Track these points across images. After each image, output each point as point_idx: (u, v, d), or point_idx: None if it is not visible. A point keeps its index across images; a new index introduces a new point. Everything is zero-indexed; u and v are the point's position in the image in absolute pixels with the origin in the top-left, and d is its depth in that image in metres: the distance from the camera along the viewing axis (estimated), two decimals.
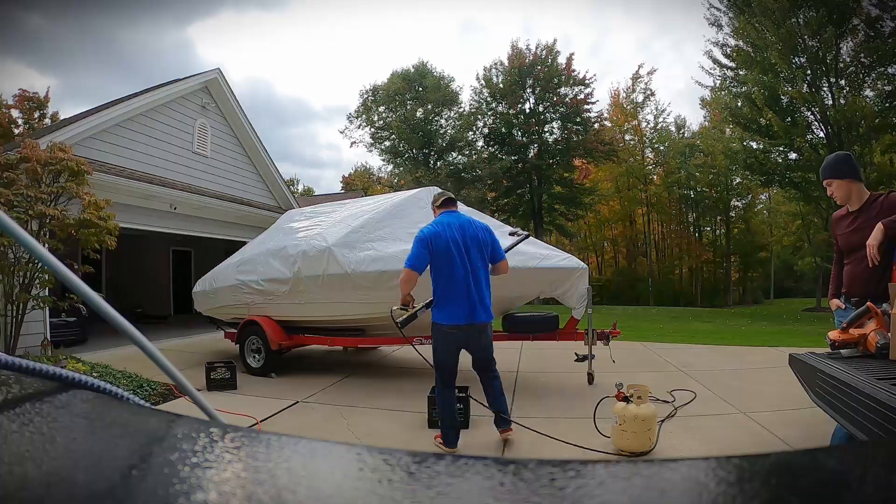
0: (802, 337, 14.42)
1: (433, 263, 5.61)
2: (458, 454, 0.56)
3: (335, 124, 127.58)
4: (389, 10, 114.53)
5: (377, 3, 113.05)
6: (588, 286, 8.55)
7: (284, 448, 0.60)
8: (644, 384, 5.62)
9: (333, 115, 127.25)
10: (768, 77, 23.95)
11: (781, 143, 24.38)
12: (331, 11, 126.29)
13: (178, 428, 0.68)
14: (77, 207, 9.56)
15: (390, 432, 6.39)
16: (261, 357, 9.76)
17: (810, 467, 0.57)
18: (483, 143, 44.92)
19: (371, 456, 0.56)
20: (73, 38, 67.04)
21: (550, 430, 5.80)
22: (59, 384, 0.81)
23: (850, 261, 4.86)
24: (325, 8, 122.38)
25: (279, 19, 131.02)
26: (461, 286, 5.57)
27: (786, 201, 38.29)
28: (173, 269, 22.67)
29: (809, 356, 4.06)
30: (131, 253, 18.48)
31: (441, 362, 5.75)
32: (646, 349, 12.56)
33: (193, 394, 1.01)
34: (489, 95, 44.28)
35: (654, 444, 5.43)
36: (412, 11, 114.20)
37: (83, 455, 0.61)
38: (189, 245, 21.98)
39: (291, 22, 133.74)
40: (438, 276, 5.63)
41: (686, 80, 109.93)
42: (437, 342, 5.76)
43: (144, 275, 21.76)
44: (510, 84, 42.77)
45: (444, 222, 5.76)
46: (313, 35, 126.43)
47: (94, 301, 0.94)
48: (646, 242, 55.02)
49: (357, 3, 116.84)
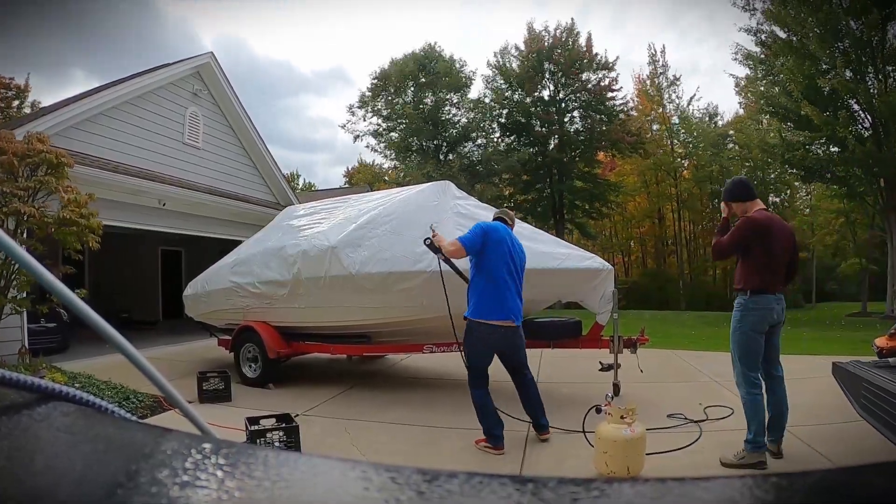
0: (846, 344, 14.38)
1: (483, 255, 6.08)
2: (472, 472, 0.55)
3: (328, 94, 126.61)
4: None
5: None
6: (614, 289, 8.53)
7: (283, 465, 0.60)
8: (633, 404, 5.55)
9: (326, 82, 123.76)
10: (806, 65, 23.76)
11: (822, 136, 24.20)
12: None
13: (168, 443, 0.68)
14: (57, 204, 9.50)
15: (398, 448, 6.39)
16: (257, 366, 9.77)
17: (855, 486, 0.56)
18: (499, 133, 44.68)
19: (377, 474, 0.56)
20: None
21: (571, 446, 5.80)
22: (37, 396, 0.81)
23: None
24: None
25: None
26: (503, 286, 6.00)
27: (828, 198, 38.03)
28: (162, 271, 22.72)
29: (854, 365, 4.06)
30: (117, 253, 18.46)
31: (474, 361, 6.11)
32: (676, 357, 12.55)
33: (184, 406, 1.01)
34: (504, 83, 43.98)
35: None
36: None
37: (64, 472, 0.61)
38: (180, 245, 22.06)
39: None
40: (484, 269, 6.07)
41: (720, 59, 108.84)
42: (471, 340, 6.11)
43: (131, 277, 21.83)
44: (527, 70, 42.42)
45: (501, 227, 6.44)
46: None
47: (76, 305, 0.93)
48: (676, 241, 54.69)
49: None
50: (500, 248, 6.12)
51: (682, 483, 0.53)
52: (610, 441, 5.18)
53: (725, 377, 9.36)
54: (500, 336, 6.03)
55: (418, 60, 42.06)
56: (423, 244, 6.91)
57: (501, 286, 6.04)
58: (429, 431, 6.85)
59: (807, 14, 23.41)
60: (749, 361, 5.64)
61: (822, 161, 26.10)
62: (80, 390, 0.85)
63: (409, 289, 8.11)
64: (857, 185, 25.20)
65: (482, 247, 6.09)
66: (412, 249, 7.98)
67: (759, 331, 5.66)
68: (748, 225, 5.71)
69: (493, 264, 6.06)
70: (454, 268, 7.06)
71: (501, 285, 6.04)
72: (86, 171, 11.73)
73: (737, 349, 5.72)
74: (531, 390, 6.40)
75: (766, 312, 5.65)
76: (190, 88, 16.84)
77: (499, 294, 6.03)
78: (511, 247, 6.27)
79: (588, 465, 5.43)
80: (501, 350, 6.24)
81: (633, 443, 5.17)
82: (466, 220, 8.47)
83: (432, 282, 7.74)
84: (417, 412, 7.65)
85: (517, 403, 6.54)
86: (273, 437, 5.93)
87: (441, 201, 9.04)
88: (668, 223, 55.97)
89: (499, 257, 6.09)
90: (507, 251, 6.18)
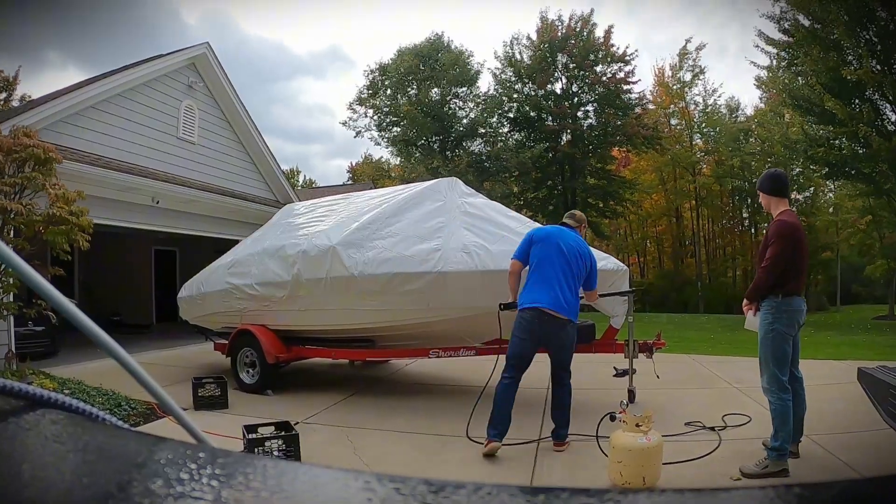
0: (873, 349, 14.33)
1: (532, 256, 6.61)
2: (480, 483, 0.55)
3: (325, 78, 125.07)
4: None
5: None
6: (629, 291, 8.53)
7: (283, 475, 0.59)
8: (649, 411, 5.55)
9: (322, 63, 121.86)
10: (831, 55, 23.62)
11: (847, 131, 24.06)
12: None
13: (161, 452, 0.67)
14: (45, 201, 9.45)
15: (402, 457, 6.40)
16: (255, 372, 9.77)
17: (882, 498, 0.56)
18: (508, 128, 44.52)
19: (381, 484, 0.56)
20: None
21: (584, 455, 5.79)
22: (25, 403, 0.81)
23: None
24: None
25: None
26: (545, 277, 6.45)
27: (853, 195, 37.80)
28: (156, 272, 22.68)
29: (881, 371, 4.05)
30: (108, 253, 18.46)
31: (510, 349, 6.46)
32: (694, 362, 12.56)
33: (178, 413, 1.01)
34: (513, 75, 43.76)
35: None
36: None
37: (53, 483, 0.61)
38: (174, 244, 22.08)
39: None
40: (532, 266, 6.62)
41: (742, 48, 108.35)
42: (512, 330, 6.53)
43: (123, 278, 21.77)
44: (539, 61, 42.19)
45: (552, 228, 7.05)
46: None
47: (66, 308, 0.93)
48: (694, 241, 54.51)
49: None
50: (545, 246, 6.56)
51: (701, 494, 0.53)
52: (625, 450, 5.18)
53: (746, 383, 9.37)
54: (536, 323, 6.29)
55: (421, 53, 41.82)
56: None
57: (543, 277, 6.41)
58: (435, 440, 6.85)
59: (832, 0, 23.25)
60: (781, 364, 5.71)
61: (846, 157, 25.95)
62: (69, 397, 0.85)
63: (414, 290, 8.11)
64: (882, 182, 25.03)
65: (528, 248, 6.65)
66: (418, 249, 7.99)
67: (791, 333, 5.77)
68: (791, 232, 5.85)
69: (538, 260, 6.51)
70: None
71: (544, 276, 6.41)
72: (75, 167, 11.70)
73: (770, 352, 5.76)
74: (564, 399, 6.61)
75: (798, 314, 5.80)
76: (185, 80, 16.78)
77: (540, 283, 6.39)
78: (562, 244, 6.58)
79: (602, 475, 5.43)
80: (539, 338, 6.41)
81: (649, 452, 5.17)
82: (474, 219, 8.49)
83: (439, 283, 7.75)
84: (423, 420, 7.65)
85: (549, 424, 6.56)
86: (272, 445, 5.95)
87: (448, 199, 9.04)
88: (686, 222, 55.80)
89: (544, 253, 6.52)
90: (553, 247, 6.54)
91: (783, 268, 5.77)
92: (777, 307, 5.75)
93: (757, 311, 6.01)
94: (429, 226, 8.50)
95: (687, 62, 51.10)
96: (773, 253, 5.77)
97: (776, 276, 5.80)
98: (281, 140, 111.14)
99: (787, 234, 5.79)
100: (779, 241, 5.78)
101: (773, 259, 5.76)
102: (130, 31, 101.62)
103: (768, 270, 5.79)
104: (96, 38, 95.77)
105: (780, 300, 5.74)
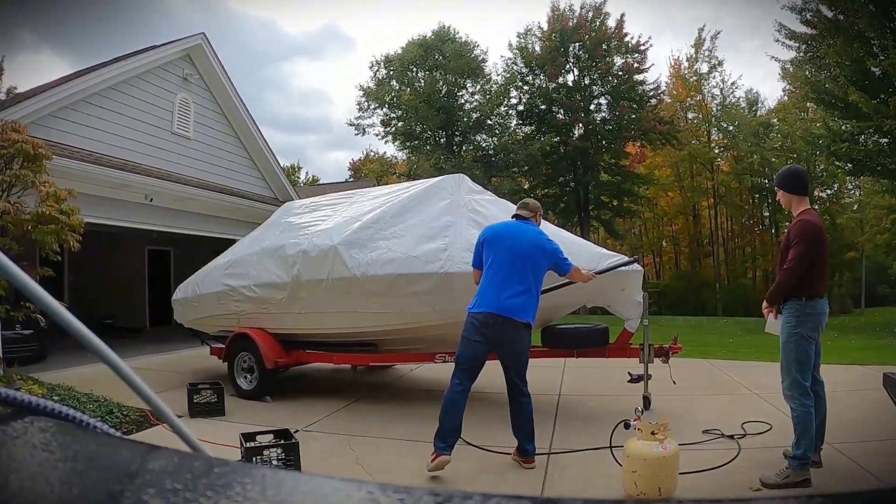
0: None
1: (484, 255, 6.55)
2: (489, 493, 0.55)
3: (322, 58, 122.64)
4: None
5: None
6: (644, 292, 8.51)
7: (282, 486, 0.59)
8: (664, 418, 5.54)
9: (317, 44, 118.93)
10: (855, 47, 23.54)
11: (872, 125, 23.97)
12: None
13: (155, 461, 0.68)
14: (34, 199, 9.45)
15: (407, 466, 6.41)
16: (253, 377, 9.78)
17: None
18: (517, 121, 44.39)
19: (384, 495, 0.56)
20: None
21: (598, 464, 5.79)
22: (12, 410, 0.81)
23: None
24: None
25: None
26: (491, 279, 6.36)
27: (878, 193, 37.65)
28: (149, 273, 22.78)
29: None
30: (99, 254, 18.40)
31: (461, 349, 6.37)
32: (712, 367, 12.53)
33: (173, 421, 1.01)
34: (524, 66, 43.64)
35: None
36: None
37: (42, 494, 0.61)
38: (168, 244, 22.13)
39: None
40: (485, 267, 6.51)
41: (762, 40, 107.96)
42: (462, 330, 6.40)
43: (115, 279, 21.79)
44: (549, 51, 42.06)
45: (498, 225, 6.97)
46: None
47: (55, 311, 0.93)
48: (712, 241, 54.38)
49: None
50: (493, 247, 6.49)
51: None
52: (640, 459, 5.15)
53: (766, 389, 9.34)
54: (488, 326, 6.19)
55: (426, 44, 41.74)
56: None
57: (493, 279, 6.33)
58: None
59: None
60: (803, 369, 5.71)
61: (871, 152, 25.84)
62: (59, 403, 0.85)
63: (419, 292, 8.11)
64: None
65: (480, 251, 6.62)
66: (424, 249, 7.99)
67: (815, 337, 5.80)
68: (815, 232, 5.88)
69: (489, 262, 6.44)
70: (553, 288, 7.52)
71: (493, 278, 6.34)
72: (65, 163, 11.65)
73: (793, 356, 5.76)
74: (524, 409, 6.33)
75: (822, 317, 5.84)
76: (180, 73, 16.80)
77: (491, 287, 6.31)
78: (511, 241, 6.50)
79: (616, 485, 5.40)
80: (491, 341, 6.28)
81: (665, 461, 5.14)
82: (482, 217, 8.47)
83: (446, 284, 7.75)
84: (428, 427, 7.61)
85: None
86: (271, 454, 5.91)
87: (454, 197, 9.02)
88: (704, 220, 55.74)
89: (493, 254, 6.44)
90: (502, 247, 6.46)
91: (807, 269, 5.77)
92: (800, 310, 5.76)
93: (778, 314, 6.00)
94: (435, 225, 8.49)
95: (703, 53, 51.08)
96: (796, 254, 5.77)
97: (799, 278, 5.80)
98: (272, 130, 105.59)
99: (810, 235, 5.81)
100: (802, 242, 5.79)
101: (797, 260, 5.76)
102: (114, 7, 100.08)
103: (792, 272, 5.79)
104: (69, 15, 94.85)
105: (803, 303, 5.76)
